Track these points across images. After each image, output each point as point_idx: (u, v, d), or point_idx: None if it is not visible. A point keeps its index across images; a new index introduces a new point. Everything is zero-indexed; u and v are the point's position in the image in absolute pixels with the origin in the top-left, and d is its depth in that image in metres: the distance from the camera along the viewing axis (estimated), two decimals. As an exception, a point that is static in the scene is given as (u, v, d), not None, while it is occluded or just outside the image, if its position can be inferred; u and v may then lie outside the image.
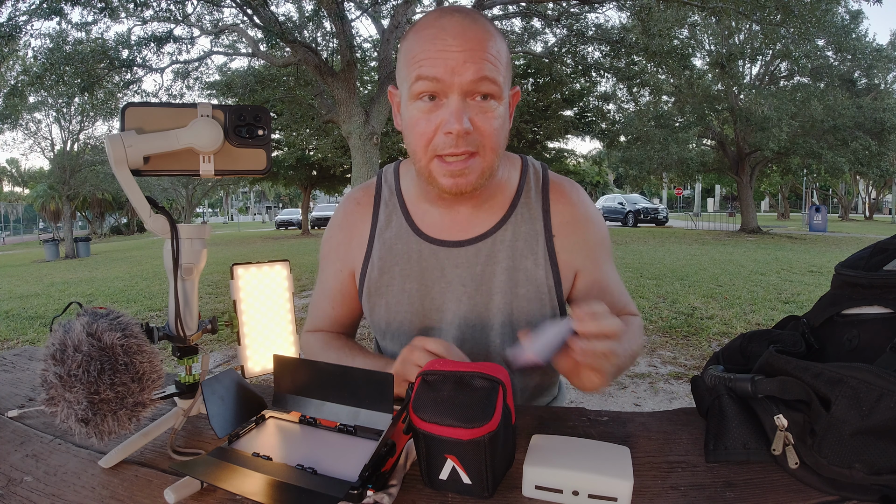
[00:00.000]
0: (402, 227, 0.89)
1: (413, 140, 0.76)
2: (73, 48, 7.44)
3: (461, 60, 0.70)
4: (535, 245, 0.86)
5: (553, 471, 0.50)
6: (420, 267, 0.86)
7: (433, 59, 0.70)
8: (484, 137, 0.73)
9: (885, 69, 16.12)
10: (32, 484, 0.58)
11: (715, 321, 4.68)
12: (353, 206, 0.94)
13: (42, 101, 13.31)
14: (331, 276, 0.95)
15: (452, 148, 0.72)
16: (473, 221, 0.86)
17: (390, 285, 0.88)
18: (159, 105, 0.63)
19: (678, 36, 10.81)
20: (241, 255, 12.62)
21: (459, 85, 0.70)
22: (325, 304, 0.97)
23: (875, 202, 34.37)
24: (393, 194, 0.92)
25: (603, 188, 50.33)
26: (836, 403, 0.50)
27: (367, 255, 0.90)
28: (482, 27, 0.72)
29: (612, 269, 0.91)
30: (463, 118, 0.70)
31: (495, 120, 0.73)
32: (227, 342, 4.31)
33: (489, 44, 0.72)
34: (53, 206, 25.13)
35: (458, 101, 0.71)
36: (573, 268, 0.88)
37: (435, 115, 0.73)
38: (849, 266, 0.67)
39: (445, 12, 0.74)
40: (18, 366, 1.02)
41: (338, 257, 0.94)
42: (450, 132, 0.71)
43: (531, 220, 0.86)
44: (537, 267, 0.85)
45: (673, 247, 11.64)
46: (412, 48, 0.73)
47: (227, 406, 0.65)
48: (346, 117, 7.15)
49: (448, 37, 0.70)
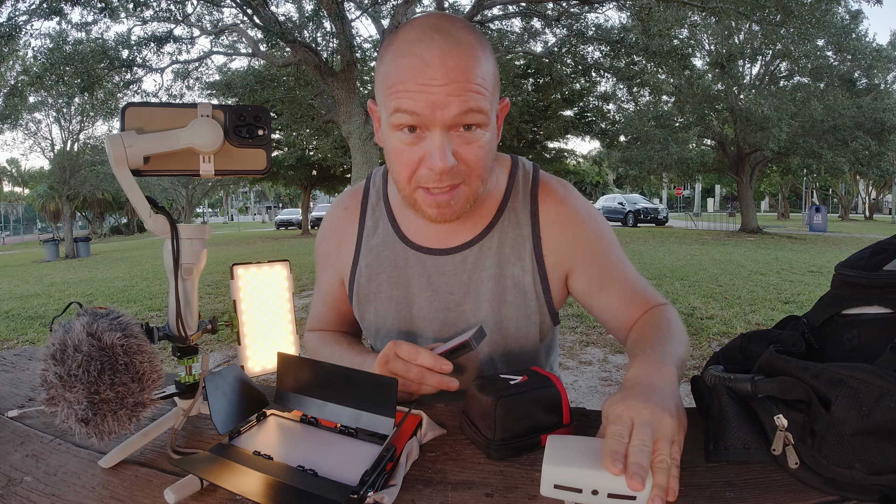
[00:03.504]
0: (388, 233, 0.88)
1: (396, 169, 0.73)
2: (73, 48, 7.45)
3: (443, 94, 0.65)
4: (522, 251, 0.84)
5: (572, 470, 0.51)
6: (407, 274, 0.86)
7: (412, 94, 0.65)
8: (470, 168, 0.71)
9: (885, 69, 16.13)
10: (32, 484, 0.58)
11: (715, 321, 4.68)
12: (341, 211, 0.94)
13: (42, 101, 13.32)
14: (325, 280, 0.97)
15: (436, 182, 0.70)
16: (460, 229, 0.85)
17: (378, 292, 0.88)
18: (159, 105, 0.63)
19: (678, 36, 10.80)
20: (241, 255, 12.62)
21: (442, 120, 0.66)
22: (321, 306, 0.99)
23: (875, 202, 34.36)
24: (380, 199, 0.91)
25: (603, 188, 50.33)
26: (836, 403, 0.50)
27: (355, 262, 0.90)
28: (465, 50, 0.66)
29: (618, 264, 0.86)
30: (447, 155, 0.67)
31: (481, 149, 0.70)
32: (227, 342, 4.31)
33: (474, 70, 0.66)
34: (53, 206, 25.12)
35: (440, 136, 0.67)
36: (562, 269, 0.85)
37: (417, 148, 0.69)
38: (849, 266, 0.67)
39: (425, 34, 0.67)
40: (18, 366, 1.02)
41: (329, 263, 0.95)
42: (433, 168, 0.68)
43: (518, 225, 0.84)
44: (524, 273, 0.83)
45: (673, 247, 11.64)
46: (389, 75, 0.68)
47: (229, 402, 0.65)
48: (346, 117, 7.15)
49: (428, 69, 0.65)
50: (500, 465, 0.60)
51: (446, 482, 0.57)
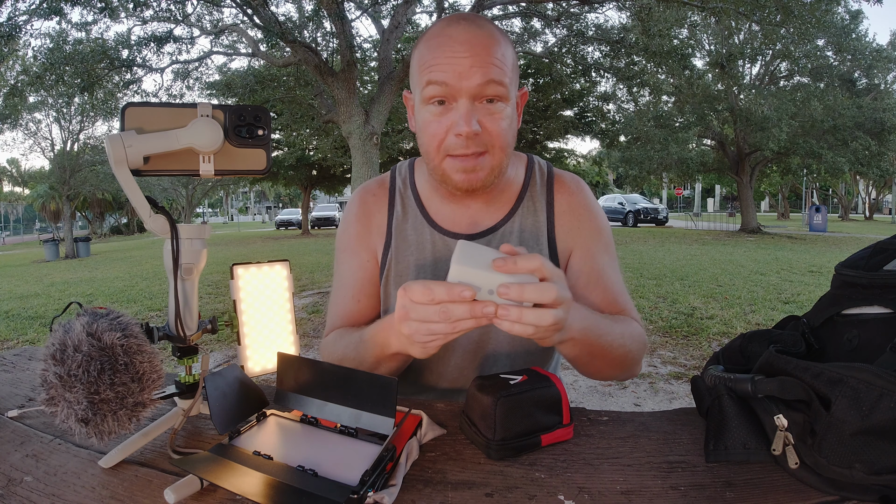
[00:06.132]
0: (417, 218, 0.92)
1: (426, 141, 0.80)
2: (73, 48, 7.44)
3: (468, 66, 0.73)
4: (540, 236, 0.90)
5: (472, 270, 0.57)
6: (434, 257, 0.90)
7: (442, 66, 0.74)
8: (492, 137, 0.77)
9: (885, 69, 16.13)
10: (32, 484, 0.58)
11: (715, 321, 4.68)
12: (370, 196, 0.96)
13: (42, 101, 13.30)
14: (354, 268, 0.93)
15: (463, 149, 0.76)
16: (483, 215, 0.90)
17: (405, 274, 0.90)
18: (159, 105, 0.63)
19: (678, 36, 10.80)
20: (241, 255, 12.62)
21: (467, 89, 0.74)
22: (346, 300, 0.93)
23: (875, 202, 34.39)
24: (407, 187, 0.95)
25: (603, 188, 50.36)
26: (837, 403, 0.50)
27: (387, 243, 0.92)
28: (488, 33, 0.76)
29: (609, 266, 0.90)
30: (472, 120, 0.74)
31: (503, 121, 0.77)
32: (227, 342, 4.31)
33: (495, 49, 0.75)
34: (53, 206, 25.15)
35: (466, 105, 0.75)
36: (566, 255, 0.91)
37: (445, 118, 0.77)
38: (849, 266, 0.67)
39: (452, 21, 0.78)
40: (18, 366, 1.02)
41: (360, 247, 0.94)
42: (460, 134, 0.75)
43: (535, 212, 0.91)
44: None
45: (673, 247, 11.64)
46: (423, 55, 0.78)
47: (229, 402, 0.65)
48: (346, 117, 7.15)
49: (455, 44, 0.74)
50: (500, 465, 0.60)
51: (446, 482, 0.57)
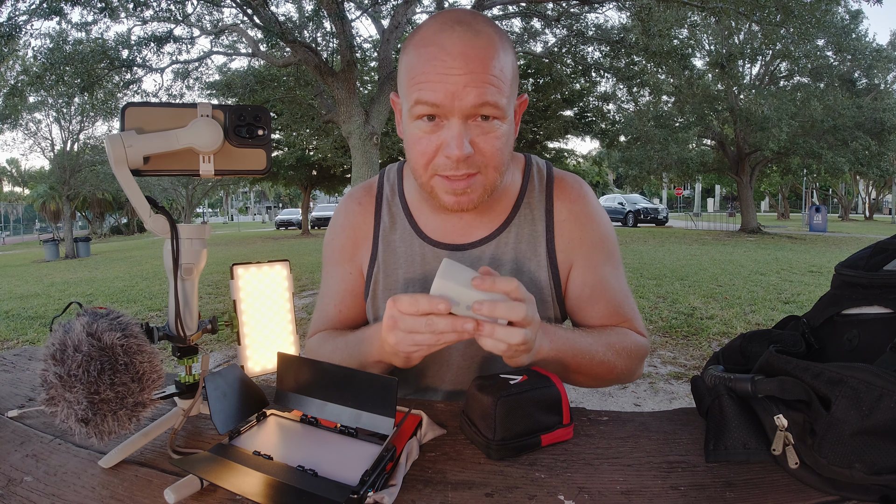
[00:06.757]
0: (405, 229, 0.88)
1: (414, 157, 0.74)
2: (73, 48, 7.45)
3: (462, 84, 0.67)
4: (538, 246, 0.85)
5: (452, 286, 0.58)
6: (423, 270, 0.85)
7: (433, 84, 0.67)
8: (486, 158, 0.72)
9: (885, 69, 16.15)
10: (32, 484, 0.58)
11: (715, 321, 4.68)
12: (355, 206, 0.92)
13: (42, 101, 13.31)
14: (337, 279, 0.92)
15: (453, 170, 0.71)
16: (477, 225, 0.85)
17: (394, 288, 0.87)
18: (159, 105, 0.63)
19: (678, 36, 10.80)
20: (241, 255, 12.62)
21: (460, 109, 0.68)
22: (330, 307, 0.93)
23: (875, 202, 34.39)
24: (395, 195, 0.90)
25: (603, 188, 50.36)
26: (837, 403, 0.50)
27: (373, 257, 0.89)
28: (485, 42, 0.68)
29: (613, 275, 0.86)
30: (463, 143, 0.69)
31: (498, 140, 0.72)
32: (227, 342, 4.31)
33: (492, 62, 0.68)
34: (53, 206, 25.15)
35: (458, 126, 0.69)
36: (568, 265, 0.86)
37: (436, 136, 0.71)
38: (849, 266, 0.67)
39: (446, 24, 0.69)
40: (18, 366, 1.02)
41: (344, 259, 0.92)
42: (450, 156, 0.70)
43: (533, 221, 0.85)
44: (539, 268, 0.84)
45: (673, 247, 11.64)
46: (412, 65, 0.70)
47: (229, 402, 0.65)
48: (346, 117, 7.15)
49: (448, 58, 0.67)
50: (500, 465, 0.60)
51: (446, 482, 0.57)
